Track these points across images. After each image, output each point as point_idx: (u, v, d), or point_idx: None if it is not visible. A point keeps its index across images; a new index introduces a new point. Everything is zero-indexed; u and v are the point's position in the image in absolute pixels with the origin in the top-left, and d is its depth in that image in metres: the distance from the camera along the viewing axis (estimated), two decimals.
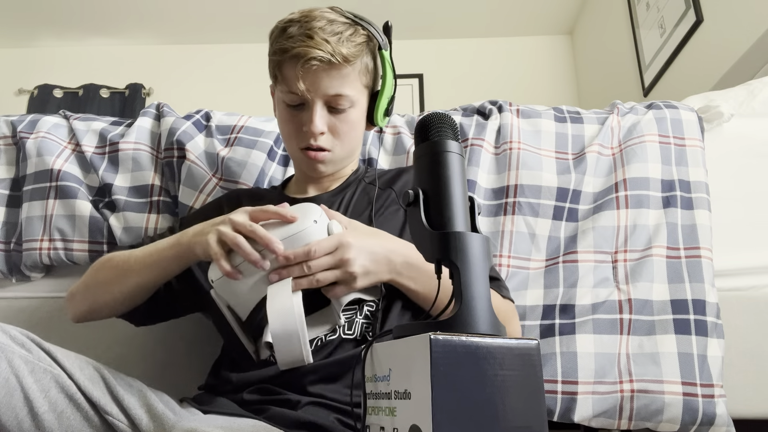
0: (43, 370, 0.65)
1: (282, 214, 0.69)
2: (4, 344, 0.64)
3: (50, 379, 0.65)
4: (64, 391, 0.66)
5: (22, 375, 0.63)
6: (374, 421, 0.49)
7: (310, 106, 0.85)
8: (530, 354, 0.43)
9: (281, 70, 0.85)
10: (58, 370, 0.67)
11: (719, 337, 0.94)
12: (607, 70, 3.17)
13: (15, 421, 0.63)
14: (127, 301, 0.83)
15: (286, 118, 0.88)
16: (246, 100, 3.55)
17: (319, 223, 0.69)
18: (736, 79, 1.93)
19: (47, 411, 0.64)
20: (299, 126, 0.86)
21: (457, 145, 0.54)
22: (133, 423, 0.67)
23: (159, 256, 0.78)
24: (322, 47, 0.81)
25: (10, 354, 0.64)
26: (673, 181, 1.04)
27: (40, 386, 0.64)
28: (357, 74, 0.86)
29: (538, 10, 3.53)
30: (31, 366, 0.65)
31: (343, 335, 0.77)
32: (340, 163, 0.92)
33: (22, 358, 0.64)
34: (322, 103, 0.85)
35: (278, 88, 0.88)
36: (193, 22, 3.59)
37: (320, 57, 0.81)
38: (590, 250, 1.00)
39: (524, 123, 1.12)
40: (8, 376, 0.63)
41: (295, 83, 0.83)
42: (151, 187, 1.11)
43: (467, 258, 0.47)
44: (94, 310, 0.85)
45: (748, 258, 1.05)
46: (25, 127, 1.16)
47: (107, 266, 0.84)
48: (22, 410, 0.63)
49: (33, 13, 3.46)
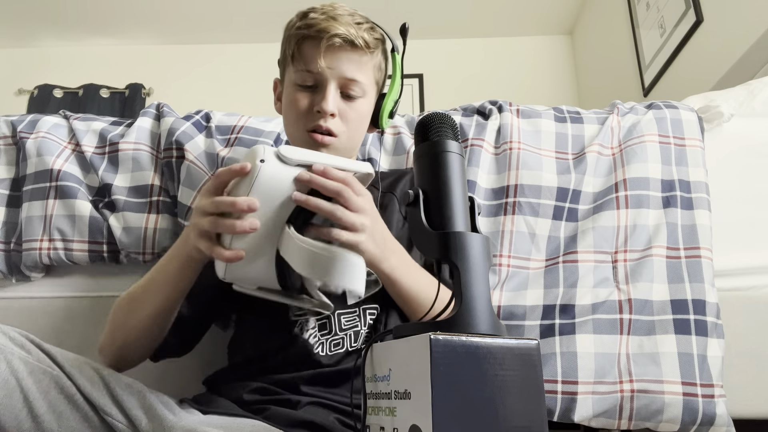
0: (43, 371, 0.65)
1: (232, 171, 0.64)
2: (3, 345, 0.64)
3: (49, 380, 0.65)
4: (64, 392, 0.66)
5: (21, 376, 0.63)
6: (374, 421, 0.49)
7: (324, 86, 0.84)
8: (530, 354, 0.43)
9: (300, 48, 0.85)
10: (58, 371, 0.67)
11: (719, 337, 0.94)
12: (607, 70, 3.17)
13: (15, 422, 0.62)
14: (152, 333, 0.79)
15: (295, 99, 0.87)
16: (246, 100, 3.55)
17: (267, 159, 0.64)
18: (736, 79, 1.92)
19: (47, 412, 0.64)
20: (309, 107, 0.85)
21: (457, 145, 0.54)
22: (132, 423, 0.67)
23: (165, 276, 0.75)
24: (347, 28, 0.83)
25: (10, 355, 0.64)
26: (673, 181, 1.04)
27: (40, 387, 0.64)
28: (371, 66, 0.88)
29: (538, 10, 3.53)
30: (30, 367, 0.65)
31: (350, 348, 0.80)
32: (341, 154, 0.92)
33: (21, 359, 0.64)
34: (336, 84, 0.85)
35: (293, 68, 0.87)
36: (193, 22, 3.59)
37: (345, 35, 0.82)
38: (590, 250, 1.00)
39: (524, 123, 1.12)
40: (8, 377, 0.62)
41: (316, 60, 0.83)
42: (151, 187, 1.11)
43: (467, 258, 0.47)
44: (124, 355, 0.81)
45: (748, 258, 1.05)
46: (25, 127, 1.16)
47: (122, 305, 0.80)
48: (21, 411, 0.63)
49: (33, 13, 3.46)
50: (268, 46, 3.80)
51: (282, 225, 0.64)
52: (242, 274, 0.66)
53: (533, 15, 3.56)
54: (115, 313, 0.80)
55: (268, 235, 0.64)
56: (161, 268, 0.76)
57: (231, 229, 0.62)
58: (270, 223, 0.64)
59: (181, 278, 0.74)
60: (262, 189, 0.63)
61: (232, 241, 0.64)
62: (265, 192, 0.63)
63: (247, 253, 0.63)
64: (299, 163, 0.65)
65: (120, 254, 1.08)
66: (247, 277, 0.66)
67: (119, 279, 1.12)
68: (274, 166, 0.64)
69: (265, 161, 0.64)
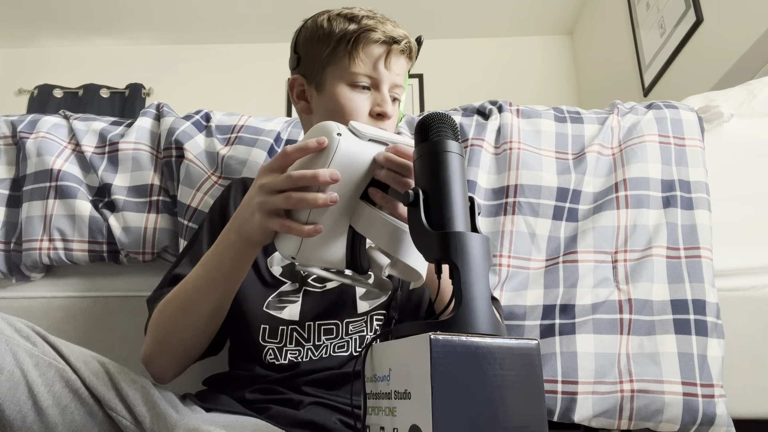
0: (48, 363, 0.65)
1: (307, 147, 0.61)
2: (9, 337, 0.63)
3: (55, 373, 0.65)
4: (69, 385, 0.65)
5: (26, 368, 0.63)
6: (374, 421, 0.48)
7: (379, 89, 0.85)
8: (530, 354, 0.43)
9: (359, 47, 0.83)
10: (63, 364, 0.66)
11: (719, 337, 0.94)
12: (607, 70, 3.17)
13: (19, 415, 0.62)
14: (209, 331, 0.78)
15: (350, 99, 0.85)
16: (246, 100, 3.55)
17: (343, 133, 0.62)
18: (736, 79, 1.93)
19: (51, 405, 0.63)
20: (365, 108, 0.85)
21: (457, 145, 0.54)
22: (136, 420, 0.67)
23: (220, 269, 0.72)
24: (406, 37, 0.85)
25: (15, 347, 0.63)
26: (673, 181, 1.04)
27: (45, 380, 0.64)
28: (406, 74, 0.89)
29: (538, 10, 3.53)
30: (35, 359, 0.64)
31: (354, 352, 0.80)
32: None
33: (26, 351, 0.64)
34: (388, 88, 0.86)
35: (348, 68, 0.84)
36: (193, 22, 3.59)
37: (406, 42, 0.84)
38: (590, 250, 1.00)
39: (524, 123, 1.12)
40: (13, 370, 0.62)
41: (378, 62, 0.83)
42: (151, 187, 1.11)
43: (467, 258, 0.47)
44: (178, 360, 0.79)
45: (748, 258, 1.05)
46: (25, 127, 1.16)
47: (168, 310, 0.76)
48: (26, 404, 0.62)
49: (33, 13, 3.46)
50: (268, 46, 3.82)
51: (356, 201, 0.63)
52: (314, 253, 0.63)
53: (533, 15, 3.56)
54: (160, 321, 0.77)
55: (344, 210, 0.62)
56: (213, 263, 0.73)
57: (314, 202, 0.59)
58: (346, 198, 0.62)
59: (239, 267, 0.72)
60: (340, 162, 0.60)
61: (309, 217, 0.61)
62: (345, 166, 0.60)
63: (323, 229, 0.61)
64: (372, 138, 0.64)
65: (120, 254, 1.08)
66: (317, 256, 0.63)
67: (119, 279, 1.12)
68: (351, 140, 0.62)
69: (342, 135, 0.61)
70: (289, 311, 0.84)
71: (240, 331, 0.85)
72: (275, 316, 0.84)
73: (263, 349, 0.81)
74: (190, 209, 1.06)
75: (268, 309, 0.84)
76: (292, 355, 0.80)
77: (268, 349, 0.81)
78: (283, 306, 0.85)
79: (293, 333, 0.82)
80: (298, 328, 0.82)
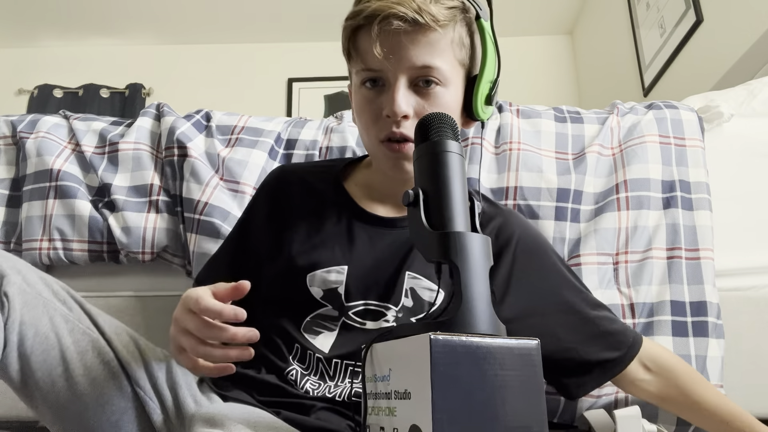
0: (82, 331, 0.63)
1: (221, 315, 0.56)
2: (47, 300, 0.61)
3: (88, 342, 0.62)
4: (101, 356, 0.63)
5: (61, 334, 0.61)
6: (374, 422, 0.48)
7: (390, 83, 0.69)
8: (530, 354, 0.43)
9: (355, 41, 0.71)
10: (97, 334, 0.64)
11: (719, 338, 0.94)
12: (607, 70, 3.17)
13: (49, 379, 0.60)
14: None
15: (363, 106, 0.72)
16: (246, 100, 3.55)
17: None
18: (736, 79, 1.92)
19: (82, 375, 0.61)
20: (378, 112, 0.70)
21: (457, 145, 0.54)
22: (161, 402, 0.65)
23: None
24: (404, 4, 0.65)
25: (53, 311, 0.61)
26: (673, 182, 1.03)
27: (78, 348, 0.62)
28: (449, 44, 0.69)
29: (538, 10, 3.52)
30: (71, 326, 0.62)
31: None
32: None
33: (62, 316, 0.61)
34: (406, 78, 0.69)
35: (353, 68, 0.74)
36: (193, 22, 3.59)
37: (402, 14, 0.65)
38: (593, 252, 0.99)
39: (524, 123, 1.12)
40: (48, 333, 0.60)
41: (371, 51, 0.67)
42: (151, 187, 1.11)
43: (467, 258, 0.47)
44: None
45: (748, 258, 1.05)
46: (25, 127, 1.16)
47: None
48: (56, 369, 0.60)
49: (33, 13, 3.46)
50: (268, 46, 3.81)
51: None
52: None
53: (533, 15, 3.56)
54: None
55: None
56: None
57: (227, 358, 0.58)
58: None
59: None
60: None
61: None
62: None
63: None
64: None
65: (120, 254, 1.08)
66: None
67: (119, 279, 1.12)
68: None
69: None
70: (322, 340, 0.74)
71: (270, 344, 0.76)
72: (308, 340, 0.75)
73: (288, 367, 0.73)
74: (200, 203, 1.05)
75: (305, 331, 0.75)
76: (311, 387, 0.71)
77: (293, 369, 0.73)
78: (318, 331, 0.75)
79: (319, 364, 0.73)
80: (324, 362, 0.72)
